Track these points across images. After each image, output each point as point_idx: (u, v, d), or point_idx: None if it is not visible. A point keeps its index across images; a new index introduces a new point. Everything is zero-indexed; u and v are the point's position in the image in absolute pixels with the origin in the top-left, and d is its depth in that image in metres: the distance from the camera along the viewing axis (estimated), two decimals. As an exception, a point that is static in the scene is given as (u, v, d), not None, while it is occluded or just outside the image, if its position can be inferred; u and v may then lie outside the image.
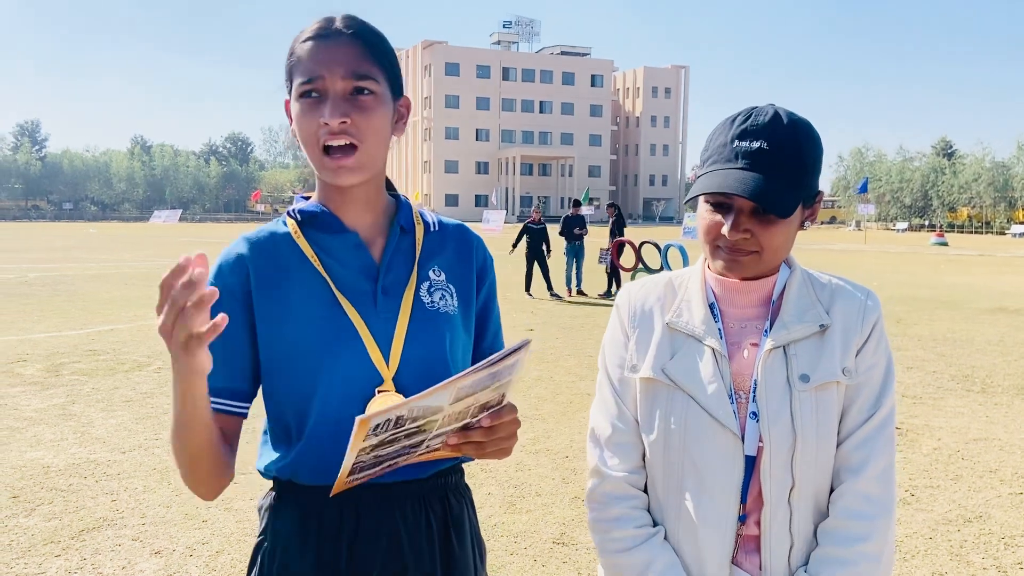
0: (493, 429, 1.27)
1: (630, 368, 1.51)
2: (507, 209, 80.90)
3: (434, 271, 1.47)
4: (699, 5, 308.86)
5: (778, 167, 1.36)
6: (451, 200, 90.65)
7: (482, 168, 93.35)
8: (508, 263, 15.63)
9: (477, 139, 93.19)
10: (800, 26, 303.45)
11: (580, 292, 15.75)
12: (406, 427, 1.17)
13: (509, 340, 1.34)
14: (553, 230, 15.79)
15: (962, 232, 64.84)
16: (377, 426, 1.13)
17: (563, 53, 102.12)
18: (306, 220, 1.43)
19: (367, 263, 1.41)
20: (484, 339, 1.57)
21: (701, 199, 1.44)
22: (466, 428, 1.26)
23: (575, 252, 15.83)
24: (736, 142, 1.39)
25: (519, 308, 13.35)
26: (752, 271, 1.42)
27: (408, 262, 1.45)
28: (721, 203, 1.40)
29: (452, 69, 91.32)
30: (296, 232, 1.42)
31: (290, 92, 1.37)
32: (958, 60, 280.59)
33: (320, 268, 1.39)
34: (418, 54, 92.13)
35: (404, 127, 1.46)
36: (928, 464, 5.44)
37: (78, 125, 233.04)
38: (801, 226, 1.46)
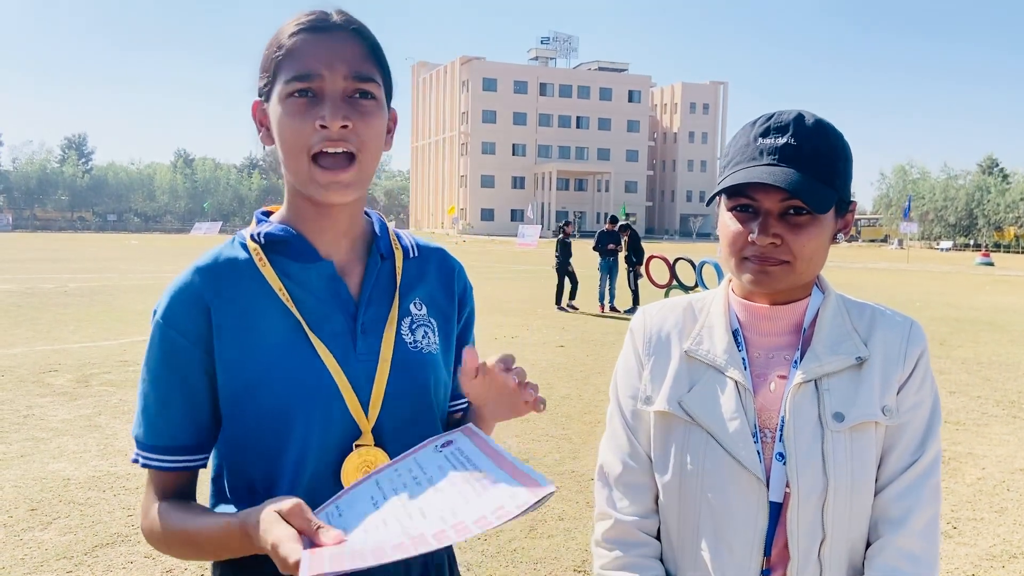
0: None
1: (644, 400, 1.38)
2: (543, 224, 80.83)
3: (415, 304, 1.30)
4: (739, 22, 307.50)
5: (808, 162, 1.23)
6: (487, 215, 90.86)
7: (518, 183, 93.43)
8: (541, 278, 15.47)
9: (514, 154, 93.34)
10: (841, 43, 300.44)
11: (613, 308, 15.58)
12: None
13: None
14: (585, 245, 15.66)
15: (1008, 252, 63.29)
16: None
17: (600, 69, 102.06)
18: (270, 244, 1.22)
19: (344, 297, 1.23)
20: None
21: (724, 209, 1.31)
22: None
23: (609, 268, 15.70)
24: (760, 140, 1.27)
25: (550, 324, 13.19)
26: (783, 283, 1.27)
27: (388, 295, 1.27)
28: (747, 207, 1.27)
29: (489, 84, 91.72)
30: (261, 259, 1.21)
31: (267, 92, 1.18)
32: (1005, 77, 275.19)
33: (290, 303, 1.19)
34: (456, 70, 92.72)
35: (392, 141, 1.28)
36: (971, 495, 5.18)
37: (124, 138, 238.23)
38: (834, 239, 1.32)
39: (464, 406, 1.42)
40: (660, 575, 1.33)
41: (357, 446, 1.20)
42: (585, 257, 17.47)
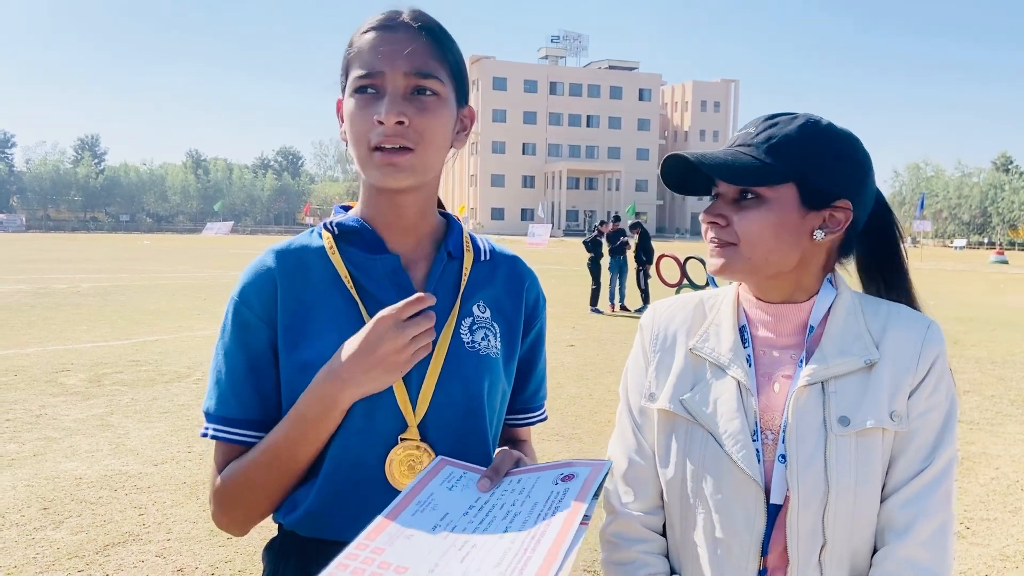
0: None
1: (648, 397, 1.37)
2: (553, 223, 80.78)
3: (478, 306, 1.32)
4: (750, 19, 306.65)
5: (759, 144, 1.25)
6: (497, 214, 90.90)
7: (528, 182, 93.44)
8: (552, 277, 15.47)
9: (524, 153, 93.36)
10: (854, 40, 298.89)
11: (623, 308, 15.55)
12: None
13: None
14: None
15: (1023, 250, 62.81)
16: None
17: (611, 67, 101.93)
18: (343, 235, 1.28)
19: (406, 289, 1.25)
20: (524, 390, 1.41)
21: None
22: None
23: (619, 267, 15.68)
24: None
25: (560, 323, 13.18)
26: (734, 267, 1.27)
27: (451, 293, 1.29)
28: (714, 197, 1.32)
29: (500, 84, 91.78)
30: (331, 247, 1.27)
31: (344, 88, 1.24)
32: (1020, 74, 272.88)
33: (353, 290, 1.24)
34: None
35: (465, 139, 1.31)
36: (985, 495, 5.15)
37: (136, 139, 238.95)
38: (811, 235, 1.26)
39: (521, 422, 1.43)
40: (663, 570, 1.32)
41: (402, 440, 1.21)
42: (581, 256, 17.37)
